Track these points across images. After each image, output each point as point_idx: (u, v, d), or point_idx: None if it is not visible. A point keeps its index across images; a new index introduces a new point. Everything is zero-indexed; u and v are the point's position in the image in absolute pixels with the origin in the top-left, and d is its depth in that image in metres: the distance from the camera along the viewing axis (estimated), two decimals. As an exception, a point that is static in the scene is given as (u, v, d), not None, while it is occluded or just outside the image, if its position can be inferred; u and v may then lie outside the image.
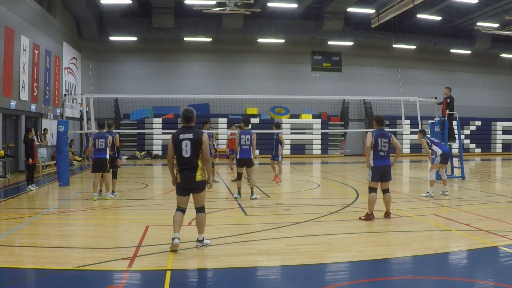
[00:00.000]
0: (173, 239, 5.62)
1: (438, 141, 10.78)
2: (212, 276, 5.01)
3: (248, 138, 10.07)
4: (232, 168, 15.19)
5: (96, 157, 9.90)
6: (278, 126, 13.78)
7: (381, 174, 7.63)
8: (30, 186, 11.73)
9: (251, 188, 10.08)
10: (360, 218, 7.66)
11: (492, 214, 8.07)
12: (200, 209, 5.89)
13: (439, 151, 10.30)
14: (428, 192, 10.40)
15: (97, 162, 9.90)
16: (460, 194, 11.12)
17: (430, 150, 10.45)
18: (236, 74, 27.72)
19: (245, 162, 10.15)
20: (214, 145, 13.81)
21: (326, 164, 21.95)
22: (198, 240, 5.89)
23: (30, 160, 11.68)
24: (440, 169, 10.67)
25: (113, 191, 10.39)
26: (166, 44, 26.68)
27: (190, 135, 5.73)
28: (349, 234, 6.72)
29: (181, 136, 5.74)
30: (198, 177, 5.73)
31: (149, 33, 24.71)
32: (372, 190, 7.66)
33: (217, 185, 12.72)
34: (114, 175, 10.62)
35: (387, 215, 7.75)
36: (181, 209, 5.84)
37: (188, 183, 5.75)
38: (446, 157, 10.39)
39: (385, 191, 7.76)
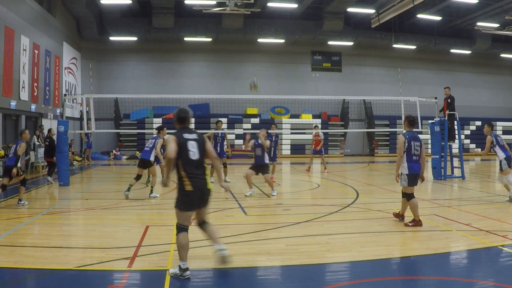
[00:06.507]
0: (185, 270, 4.72)
1: None
2: (212, 276, 5.00)
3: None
4: (309, 167, 17.39)
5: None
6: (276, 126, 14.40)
7: (415, 178, 7.14)
8: None
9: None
10: (407, 225, 7.08)
11: (492, 214, 8.07)
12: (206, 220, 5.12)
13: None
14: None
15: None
16: (460, 194, 11.11)
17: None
18: (236, 74, 27.69)
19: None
20: (224, 145, 13.40)
21: (326, 164, 21.87)
22: (219, 250, 4.89)
23: None
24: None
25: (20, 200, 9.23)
26: (166, 44, 26.67)
27: (195, 136, 4.96)
28: (349, 234, 6.71)
29: (186, 136, 4.89)
30: (209, 184, 4.92)
31: (149, 33, 24.71)
32: (411, 196, 7.13)
33: (216, 185, 12.70)
34: (23, 183, 9.47)
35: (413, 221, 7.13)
36: (187, 229, 4.86)
37: (202, 191, 4.84)
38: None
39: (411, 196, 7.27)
